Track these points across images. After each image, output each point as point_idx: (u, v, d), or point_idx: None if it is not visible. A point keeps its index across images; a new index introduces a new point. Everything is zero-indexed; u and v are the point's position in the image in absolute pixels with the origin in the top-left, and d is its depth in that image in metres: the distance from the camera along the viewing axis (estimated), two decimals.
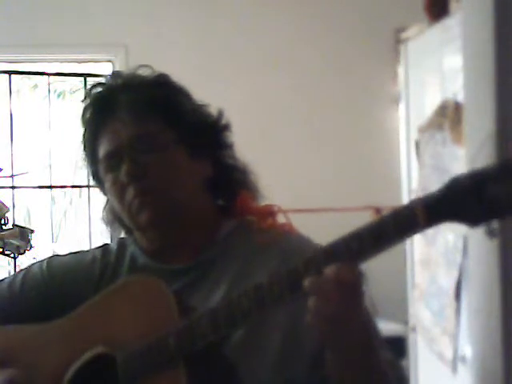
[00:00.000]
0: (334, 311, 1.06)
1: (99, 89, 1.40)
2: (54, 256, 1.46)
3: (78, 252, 1.48)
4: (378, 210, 1.11)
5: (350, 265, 1.06)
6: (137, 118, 1.33)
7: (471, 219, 1.00)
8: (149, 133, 1.32)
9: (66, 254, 1.47)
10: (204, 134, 1.37)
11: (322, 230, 1.41)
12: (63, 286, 1.39)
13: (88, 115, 1.38)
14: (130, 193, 1.31)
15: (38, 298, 1.39)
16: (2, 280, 1.45)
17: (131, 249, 1.40)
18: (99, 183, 1.41)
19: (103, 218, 1.46)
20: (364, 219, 1.09)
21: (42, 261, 1.44)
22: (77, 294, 1.34)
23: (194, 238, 1.36)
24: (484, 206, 0.97)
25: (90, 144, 1.38)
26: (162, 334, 1.18)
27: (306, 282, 1.07)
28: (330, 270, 1.06)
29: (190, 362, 1.16)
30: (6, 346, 1.34)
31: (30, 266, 1.44)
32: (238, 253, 1.34)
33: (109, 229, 1.46)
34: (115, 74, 1.42)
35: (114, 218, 1.42)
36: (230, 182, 1.40)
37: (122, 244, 1.43)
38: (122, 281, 1.32)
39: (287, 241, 1.33)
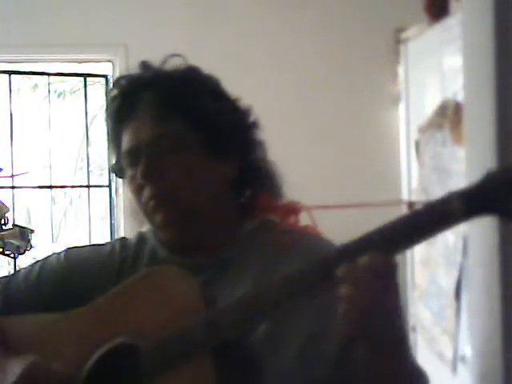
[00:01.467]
0: (368, 300, 1.05)
1: (125, 81, 1.37)
2: (72, 247, 1.45)
3: (95, 244, 1.47)
4: (411, 205, 1.10)
5: (385, 254, 1.05)
6: (157, 117, 1.31)
7: (508, 213, 0.99)
8: (168, 133, 1.30)
9: (84, 246, 1.47)
10: (229, 133, 1.34)
11: (342, 227, 1.40)
12: (81, 277, 1.37)
13: (113, 107, 1.36)
14: (146, 193, 1.30)
15: (54, 289, 1.38)
16: (19, 271, 1.44)
17: (151, 242, 1.39)
18: (122, 173, 1.38)
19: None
20: (387, 216, 1.08)
21: (59, 252, 1.43)
22: (94, 286, 1.33)
23: (213, 236, 1.34)
24: None
25: (115, 135, 1.36)
26: (188, 325, 1.17)
27: (340, 271, 1.06)
28: (364, 259, 1.05)
29: (217, 352, 1.15)
30: (25, 334, 1.33)
31: (47, 257, 1.43)
32: (259, 252, 1.32)
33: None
34: (142, 66, 1.38)
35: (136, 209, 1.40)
36: (254, 182, 1.38)
37: (141, 237, 1.42)
38: (145, 270, 1.31)
39: (309, 243, 1.31)
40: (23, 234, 3.27)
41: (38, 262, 1.44)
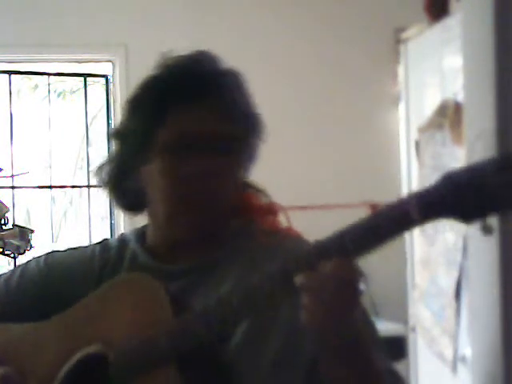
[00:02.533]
0: (329, 309, 1.04)
1: (184, 62, 1.34)
2: (51, 252, 1.44)
3: (76, 248, 1.44)
4: (374, 207, 1.08)
5: (346, 261, 1.04)
6: (229, 115, 1.28)
7: (466, 215, 0.98)
8: (235, 134, 1.28)
9: (65, 250, 1.44)
10: (257, 139, 1.36)
11: (319, 228, 1.39)
12: (61, 282, 1.36)
13: (165, 82, 1.30)
14: (190, 188, 1.25)
15: (35, 294, 1.37)
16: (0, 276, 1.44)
17: (132, 246, 1.37)
18: (131, 143, 1.31)
19: (102, 180, 1.40)
20: (361, 216, 1.07)
21: (39, 257, 1.42)
22: (75, 290, 1.32)
23: (212, 237, 1.32)
24: (480, 201, 0.96)
25: (155, 109, 1.28)
26: (153, 334, 1.16)
27: (300, 279, 1.04)
28: (324, 267, 1.03)
29: (183, 361, 1.15)
30: (1, 344, 1.33)
31: (27, 262, 1.42)
32: (240, 254, 1.31)
33: (104, 189, 1.41)
34: (201, 55, 1.36)
35: (120, 188, 1.38)
36: (244, 183, 1.38)
37: (122, 240, 1.40)
38: (116, 279, 1.30)
39: (290, 244, 1.30)
40: (23, 234, 3.27)
41: (18, 267, 1.42)
